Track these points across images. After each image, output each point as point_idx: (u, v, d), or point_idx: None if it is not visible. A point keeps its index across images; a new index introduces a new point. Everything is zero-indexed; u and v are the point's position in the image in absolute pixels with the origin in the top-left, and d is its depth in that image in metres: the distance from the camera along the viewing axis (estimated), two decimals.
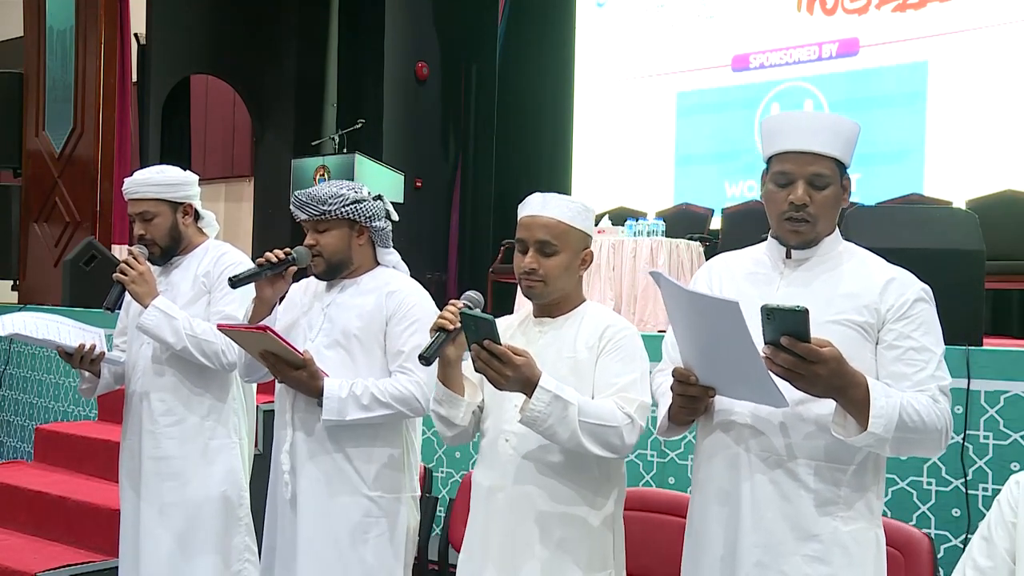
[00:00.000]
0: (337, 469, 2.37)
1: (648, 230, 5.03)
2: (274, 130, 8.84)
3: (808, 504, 1.75)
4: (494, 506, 2.04)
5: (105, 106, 6.78)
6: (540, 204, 2.07)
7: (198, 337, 2.66)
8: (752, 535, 1.77)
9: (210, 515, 2.75)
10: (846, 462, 1.75)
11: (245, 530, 2.81)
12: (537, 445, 1.98)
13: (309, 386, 2.31)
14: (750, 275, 1.90)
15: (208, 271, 2.79)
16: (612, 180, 7.81)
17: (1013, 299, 5.72)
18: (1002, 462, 2.73)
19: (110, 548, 3.67)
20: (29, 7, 7.21)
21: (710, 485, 1.86)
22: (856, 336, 1.75)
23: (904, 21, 6.35)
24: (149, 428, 2.77)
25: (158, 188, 2.79)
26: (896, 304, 1.76)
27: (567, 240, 2.05)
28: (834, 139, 1.78)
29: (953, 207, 5.20)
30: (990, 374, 2.78)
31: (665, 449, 3.28)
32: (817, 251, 1.84)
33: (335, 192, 2.38)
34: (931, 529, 2.79)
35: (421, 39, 8.48)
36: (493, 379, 1.86)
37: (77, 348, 2.72)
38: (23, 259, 7.13)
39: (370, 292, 2.44)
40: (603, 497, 2.03)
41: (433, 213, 8.53)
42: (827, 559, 1.74)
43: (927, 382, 1.73)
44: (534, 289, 2.06)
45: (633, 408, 1.95)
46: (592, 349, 2.02)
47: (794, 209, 1.78)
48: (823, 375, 1.58)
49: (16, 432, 6.01)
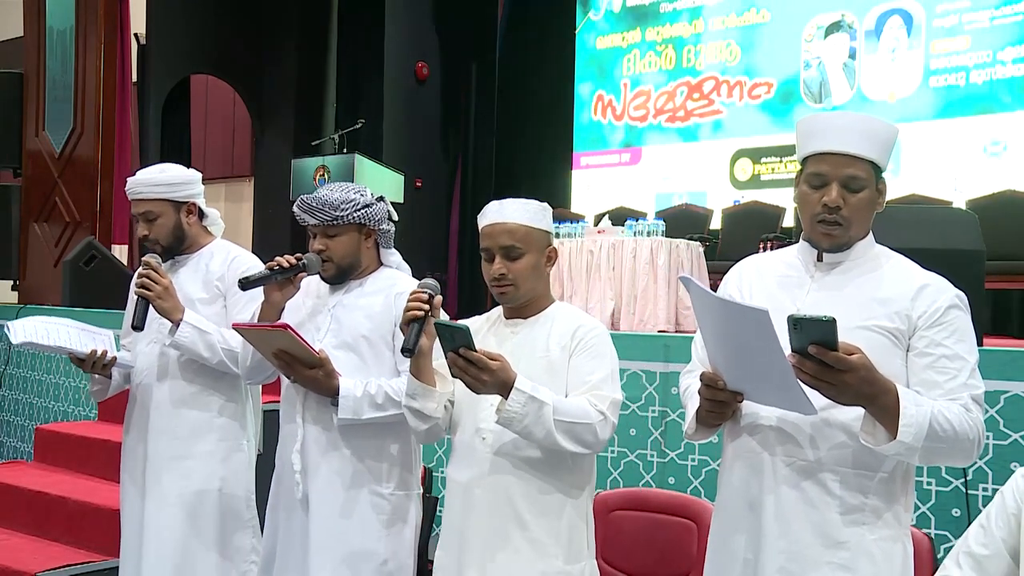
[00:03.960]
0: (350, 468, 2.37)
1: (648, 230, 5.02)
2: (274, 130, 8.84)
3: (834, 512, 1.72)
4: (471, 501, 2.08)
5: (105, 106, 6.78)
6: (498, 211, 2.11)
7: (233, 350, 2.63)
8: (777, 541, 1.75)
9: (216, 515, 2.73)
10: (874, 470, 1.73)
11: (251, 531, 2.79)
12: (512, 441, 2.03)
13: (325, 385, 2.30)
14: (781, 278, 1.87)
15: (222, 275, 2.76)
16: (612, 180, 7.82)
17: (1013, 299, 5.73)
18: (1002, 462, 2.72)
19: (110, 548, 3.67)
20: (29, 7, 7.21)
21: (735, 490, 1.84)
22: (886, 342, 1.72)
23: None
24: (155, 428, 2.76)
25: (161, 188, 2.76)
26: (929, 311, 1.73)
27: (530, 241, 2.09)
28: (871, 141, 1.75)
29: (953, 207, 5.20)
30: (990, 374, 2.76)
31: (665, 449, 3.28)
32: (850, 255, 1.81)
33: (346, 197, 2.37)
34: (931, 529, 2.79)
35: (421, 39, 8.48)
36: (470, 384, 1.92)
37: (89, 354, 2.69)
38: (23, 259, 7.13)
39: (377, 293, 2.44)
40: (577, 489, 2.08)
41: (433, 213, 8.53)
42: (853, 567, 1.72)
43: (959, 391, 1.69)
44: (506, 294, 2.10)
45: (606, 405, 2.00)
46: (564, 348, 2.07)
47: (827, 211, 1.75)
48: (852, 383, 1.56)
49: (16, 432, 6.01)
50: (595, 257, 4.94)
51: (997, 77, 6.06)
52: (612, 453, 3.38)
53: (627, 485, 3.26)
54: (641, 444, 3.33)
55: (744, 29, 7.20)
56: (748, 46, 7.17)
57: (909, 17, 6.42)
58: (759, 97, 7.09)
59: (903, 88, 6.42)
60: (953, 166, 6.15)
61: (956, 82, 6.22)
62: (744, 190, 6.99)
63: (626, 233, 5.06)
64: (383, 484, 2.38)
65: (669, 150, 7.56)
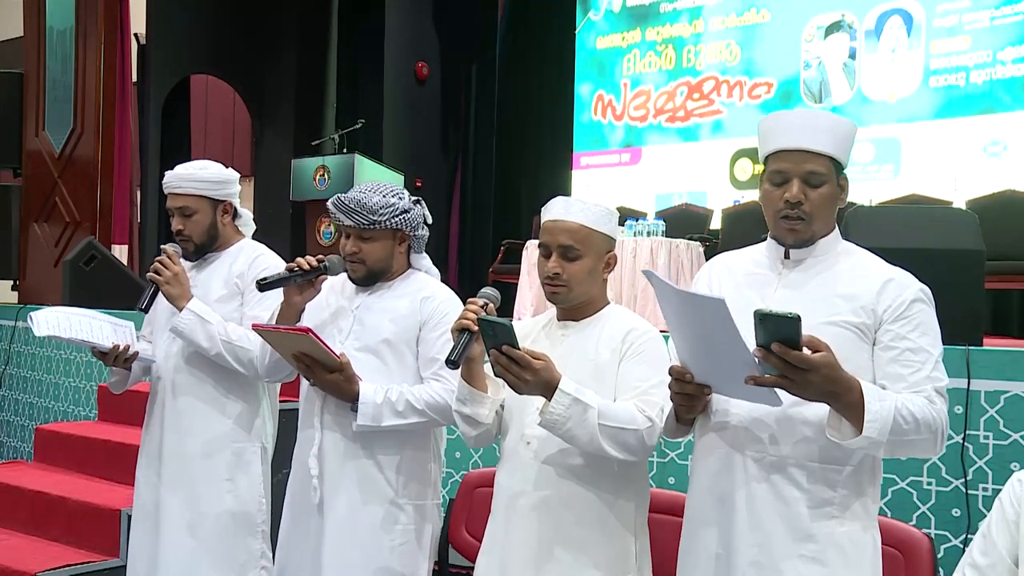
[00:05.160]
0: (366, 475, 2.33)
1: (648, 230, 5.03)
2: (274, 130, 8.84)
3: (803, 505, 1.75)
4: (515, 509, 2.02)
5: (105, 106, 6.77)
6: (563, 208, 2.04)
7: (233, 343, 2.62)
8: (748, 535, 1.78)
9: (228, 519, 2.71)
10: (841, 463, 1.75)
11: (262, 536, 2.77)
12: (558, 449, 1.97)
13: (344, 390, 2.27)
14: (749, 275, 1.90)
15: (242, 272, 2.75)
16: (612, 180, 7.82)
17: (1013, 299, 5.73)
18: (1002, 462, 2.72)
19: (110, 548, 3.68)
20: (29, 7, 7.21)
21: (706, 485, 1.87)
22: (852, 337, 1.75)
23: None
24: (172, 426, 2.74)
25: (200, 184, 2.75)
26: (893, 305, 1.76)
27: (590, 244, 2.03)
28: (830, 137, 1.78)
29: (953, 207, 5.20)
30: (990, 374, 2.78)
31: (665, 449, 3.28)
32: (815, 251, 1.84)
33: (385, 202, 2.33)
34: (931, 529, 2.79)
35: (421, 39, 8.48)
36: (513, 383, 1.86)
37: (111, 348, 2.69)
38: (23, 259, 7.12)
39: (403, 296, 2.40)
40: (624, 499, 2.02)
41: (433, 213, 8.46)
42: (823, 560, 1.74)
43: (923, 383, 1.72)
44: (558, 294, 2.04)
45: (654, 411, 1.93)
46: (615, 352, 2.01)
47: (789, 207, 1.78)
48: (815, 382, 1.58)
49: (16, 432, 6.01)
50: None
51: (997, 77, 6.06)
52: None
53: None
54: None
55: (744, 29, 7.20)
56: (748, 46, 7.17)
57: (909, 17, 6.41)
58: (759, 97, 7.09)
59: (903, 88, 6.42)
60: (953, 166, 6.15)
61: (956, 82, 6.22)
62: (744, 190, 6.99)
63: (626, 233, 5.06)
64: (400, 493, 2.34)
65: (669, 150, 7.56)
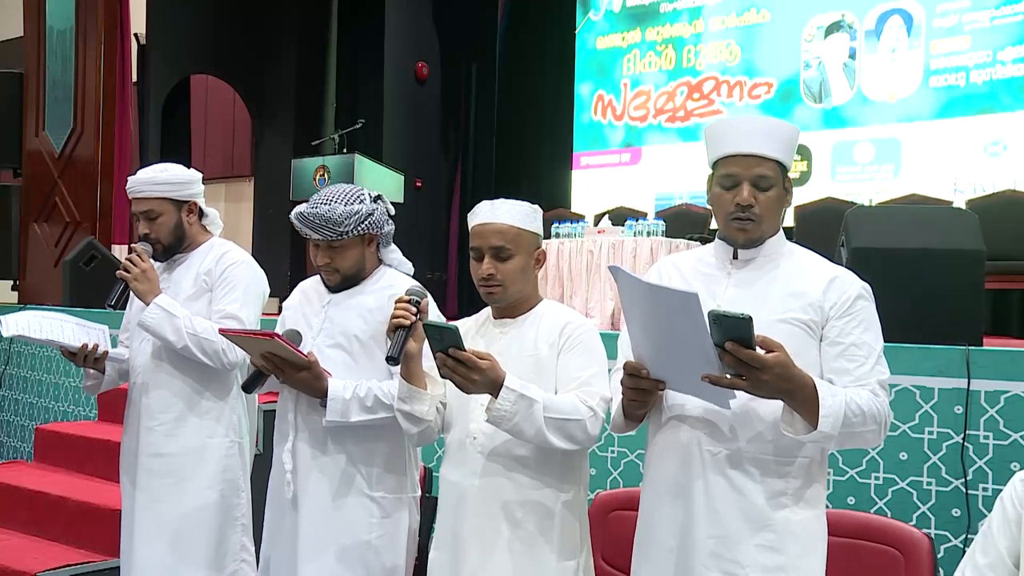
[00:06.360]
0: (340, 470, 2.37)
1: (648, 230, 5.03)
2: (274, 130, 8.84)
3: (760, 496, 1.81)
4: (463, 501, 2.09)
5: (105, 106, 6.78)
6: (489, 211, 2.13)
7: (199, 335, 2.66)
8: (706, 527, 1.83)
9: (205, 514, 2.73)
10: (794, 455, 1.82)
11: (242, 530, 2.80)
12: (503, 442, 2.04)
13: (313, 387, 2.32)
14: (698, 274, 1.97)
15: (210, 269, 2.79)
16: (612, 180, 7.82)
17: (1013, 299, 5.72)
18: (1002, 462, 2.72)
19: (110, 548, 3.67)
20: (29, 7, 7.22)
21: (662, 479, 1.91)
22: (802, 334, 1.81)
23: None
24: (147, 425, 2.77)
25: (162, 187, 2.79)
26: (839, 301, 1.83)
27: (520, 243, 2.10)
28: (776, 142, 1.86)
29: (953, 207, 5.20)
30: (990, 374, 2.78)
31: None
32: (762, 251, 1.90)
33: (349, 211, 2.35)
34: (931, 529, 2.79)
35: (421, 39, 8.48)
36: (460, 384, 1.93)
37: (80, 348, 2.73)
38: (23, 259, 7.13)
39: (372, 293, 2.44)
40: (570, 484, 2.09)
41: (433, 213, 8.53)
42: (780, 548, 1.80)
43: (867, 376, 1.80)
44: (494, 294, 2.11)
45: (595, 401, 2.01)
46: (553, 346, 2.08)
47: (740, 210, 1.85)
48: (768, 380, 1.64)
49: (16, 432, 6.01)
50: (595, 257, 4.94)
51: (997, 77, 6.06)
52: (612, 453, 3.38)
53: (627, 485, 3.25)
54: (641, 444, 3.30)
55: (744, 29, 7.20)
56: (748, 46, 7.17)
57: (909, 17, 6.42)
58: (759, 97, 7.09)
59: (903, 88, 6.42)
60: (953, 166, 6.15)
61: (956, 82, 6.22)
62: None
63: (626, 233, 5.06)
64: (374, 487, 2.38)
65: (669, 150, 7.56)
